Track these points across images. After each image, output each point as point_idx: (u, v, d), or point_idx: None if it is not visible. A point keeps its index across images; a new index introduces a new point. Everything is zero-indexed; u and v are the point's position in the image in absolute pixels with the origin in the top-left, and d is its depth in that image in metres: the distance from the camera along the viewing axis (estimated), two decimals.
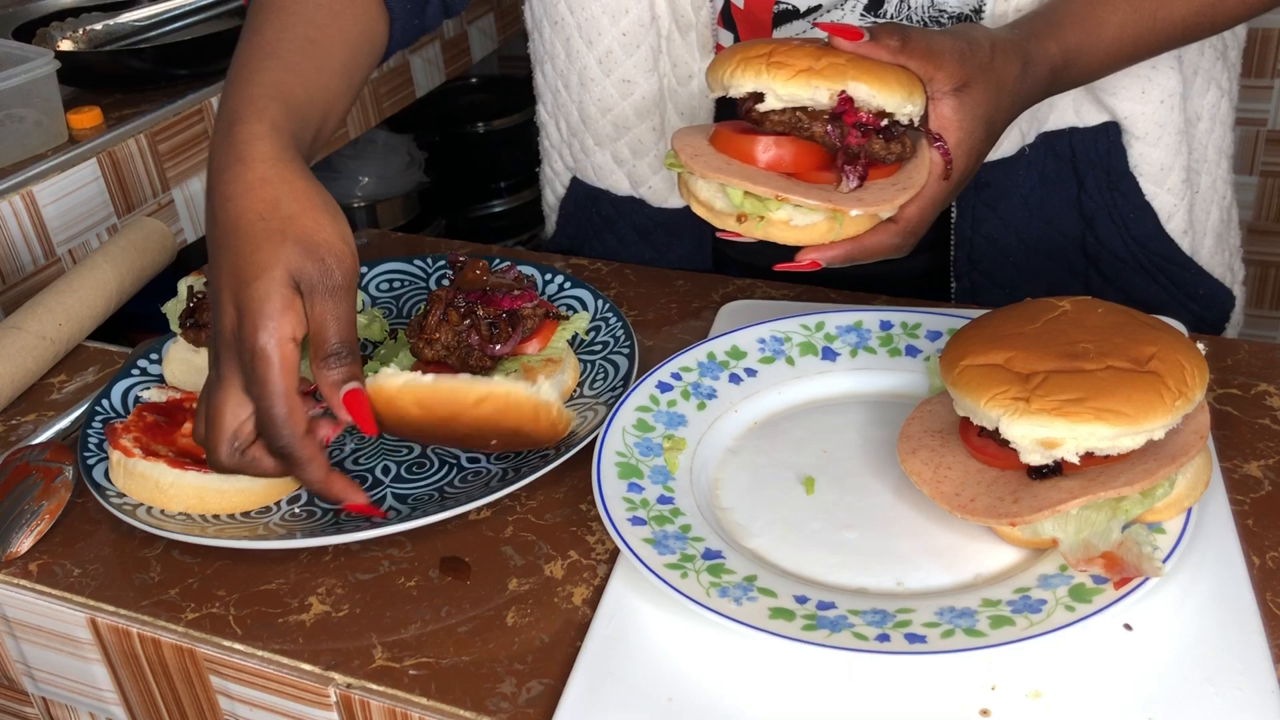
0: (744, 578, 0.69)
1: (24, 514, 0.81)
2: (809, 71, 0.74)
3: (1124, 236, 1.04)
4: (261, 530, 0.77)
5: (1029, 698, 0.62)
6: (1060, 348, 0.70)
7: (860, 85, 0.74)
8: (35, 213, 1.27)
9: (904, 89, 0.75)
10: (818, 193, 0.75)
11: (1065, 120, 1.00)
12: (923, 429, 0.77)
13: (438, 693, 0.66)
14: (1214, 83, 1.05)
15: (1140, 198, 1.02)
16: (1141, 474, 0.67)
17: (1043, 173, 1.02)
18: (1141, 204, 1.02)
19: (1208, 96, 1.05)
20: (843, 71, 0.74)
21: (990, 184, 1.01)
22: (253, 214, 0.72)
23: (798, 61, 0.75)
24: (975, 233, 1.03)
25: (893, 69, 0.75)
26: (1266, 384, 0.86)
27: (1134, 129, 1.00)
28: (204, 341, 0.93)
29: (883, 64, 0.75)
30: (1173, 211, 1.03)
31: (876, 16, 0.95)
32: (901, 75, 0.75)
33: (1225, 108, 1.07)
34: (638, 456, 0.79)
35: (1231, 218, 1.14)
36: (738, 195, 0.77)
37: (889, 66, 0.75)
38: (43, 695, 0.84)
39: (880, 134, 0.75)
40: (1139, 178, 1.02)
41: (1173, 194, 1.03)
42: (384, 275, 1.07)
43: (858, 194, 0.75)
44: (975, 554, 0.71)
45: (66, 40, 1.54)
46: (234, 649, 0.71)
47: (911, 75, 0.76)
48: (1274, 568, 0.70)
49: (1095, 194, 1.02)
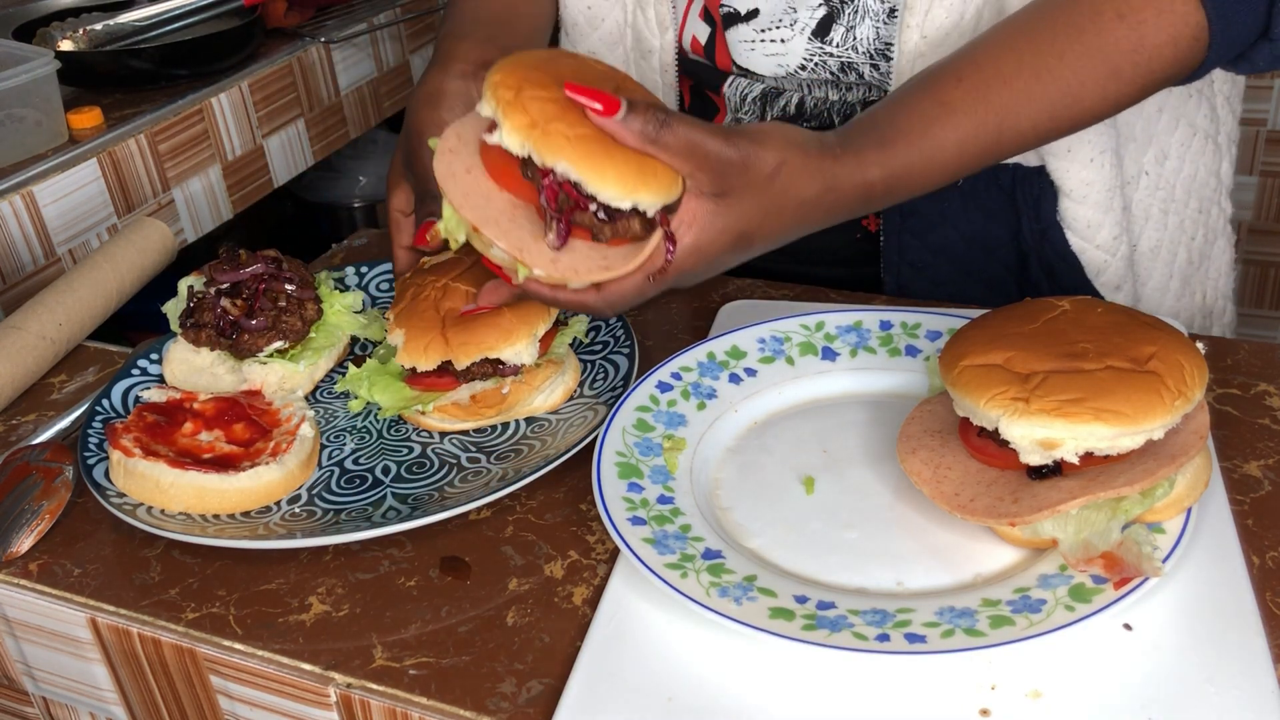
0: (744, 578, 0.69)
1: (24, 514, 0.81)
2: (534, 129, 0.68)
3: (1051, 283, 1.01)
4: (261, 530, 0.77)
5: (1029, 698, 0.62)
6: (1060, 348, 0.70)
7: (570, 169, 0.68)
8: (35, 213, 1.27)
9: (627, 183, 0.69)
10: (517, 237, 0.71)
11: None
12: (923, 429, 0.77)
13: (438, 693, 0.66)
14: (1184, 120, 1.01)
15: (1066, 248, 0.99)
16: (1141, 474, 0.67)
17: (985, 204, 1.00)
18: (1068, 254, 0.99)
19: (1176, 134, 1.01)
20: (563, 147, 0.68)
21: (917, 212, 1.00)
22: (410, 118, 0.93)
23: (534, 111, 0.69)
24: (901, 259, 1.02)
25: (634, 157, 0.69)
26: (1266, 384, 0.86)
27: (1061, 184, 0.96)
28: (204, 341, 0.93)
29: (625, 149, 0.69)
30: (1102, 267, 1.00)
31: (823, 42, 0.96)
32: (636, 167, 0.69)
33: (1200, 145, 1.03)
34: (638, 456, 0.79)
35: (1210, 255, 1.10)
36: (448, 211, 0.73)
37: (629, 154, 0.69)
38: (43, 695, 0.84)
39: (599, 213, 0.70)
40: (1066, 230, 0.98)
41: (1103, 250, 0.99)
42: (384, 275, 1.07)
43: (555, 254, 0.70)
44: (975, 554, 0.71)
45: (66, 40, 1.54)
46: (234, 649, 0.71)
47: (657, 167, 0.70)
48: (1274, 568, 0.70)
49: (1027, 237, 1.00)
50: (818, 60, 0.97)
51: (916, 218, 1.00)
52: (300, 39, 1.69)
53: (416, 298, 0.88)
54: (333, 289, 1.00)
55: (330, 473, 0.85)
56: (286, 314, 0.93)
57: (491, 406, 0.87)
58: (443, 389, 0.87)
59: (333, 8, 1.79)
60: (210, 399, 0.88)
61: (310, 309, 0.95)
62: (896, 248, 1.02)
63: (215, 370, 0.93)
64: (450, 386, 0.87)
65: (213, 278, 0.94)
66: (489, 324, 0.85)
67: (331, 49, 1.71)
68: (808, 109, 1.02)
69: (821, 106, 1.01)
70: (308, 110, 1.68)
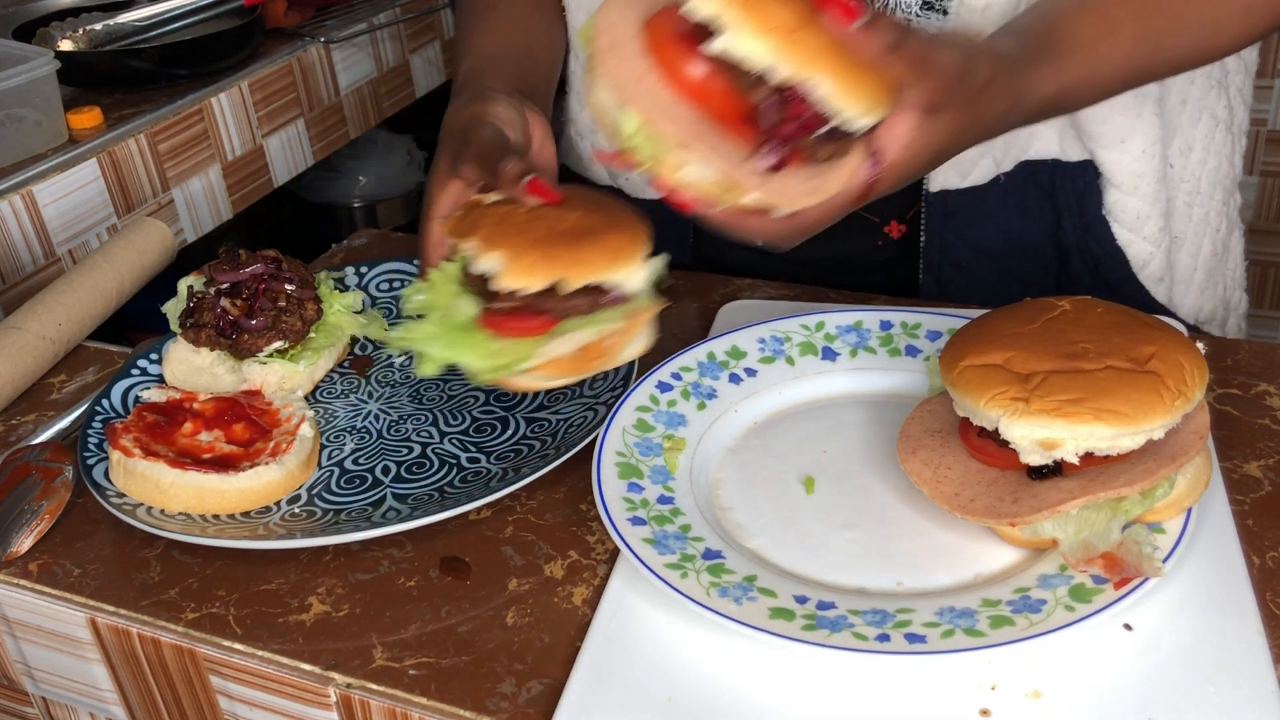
0: (744, 578, 0.69)
1: (24, 514, 0.81)
2: (783, 35, 0.61)
3: (1095, 278, 1.01)
4: (261, 530, 0.77)
5: (1029, 698, 0.62)
6: (1060, 348, 0.70)
7: (826, 83, 0.62)
8: (35, 213, 1.27)
9: (868, 100, 0.64)
10: (724, 156, 0.64)
11: (1049, 151, 0.97)
12: (923, 429, 0.77)
13: (438, 693, 0.66)
14: (1206, 111, 1.01)
15: (1112, 242, 0.99)
16: (1141, 474, 0.67)
17: (1022, 202, 0.99)
18: (1114, 249, 0.99)
19: (1200, 126, 1.01)
20: (816, 58, 0.61)
21: (959, 212, 1.00)
22: (449, 116, 0.90)
23: (779, 16, 0.61)
24: (944, 259, 1.02)
25: (869, 71, 0.64)
26: (1266, 384, 0.86)
27: (1111, 176, 0.96)
28: (204, 341, 0.93)
29: (860, 61, 0.64)
30: (1147, 259, 1.00)
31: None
32: (873, 82, 0.64)
33: (1221, 136, 1.04)
34: (638, 456, 0.79)
35: (1230, 246, 1.11)
36: (632, 124, 0.64)
37: (866, 67, 0.64)
38: (43, 695, 0.84)
39: (820, 133, 0.65)
40: (1113, 223, 0.98)
41: (1149, 242, 0.99)
42: (384, 275, 1.07)
43: (765, 177, 0.64)
44: (975, 554, 0.71)
45: (66, 40, 1.54)
46: (234, 649, 0.71)
47: (883, 83, 0.65)
48: (1274, 568, 0.70)
49: (1070, 232, 1.00)
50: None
51: (959, 217, 1.00)
52: (300, 39, 1.69)
53: (503, 221, 0.77)
54: (333, 289, 1.00)
55: (330, 473, 0.85)
56: (286, 314, 0.93)
57: (597, 357, 0.78)
58: (533, 332, 0.76)
59: (333, 8, 1.79)
60: (210, 399, 0.88)
61: (310, 309, 0.95)
62: (939, 247, 1.01)
63: (215, 370, 0.93)
64: (543, 328, 0.76)
65: (213, 278, 0.94)
66: (595, 244, 0.75)
67: (331, 49, 1.71)
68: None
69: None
70: (308, 110, 1.68)
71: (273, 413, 0.88)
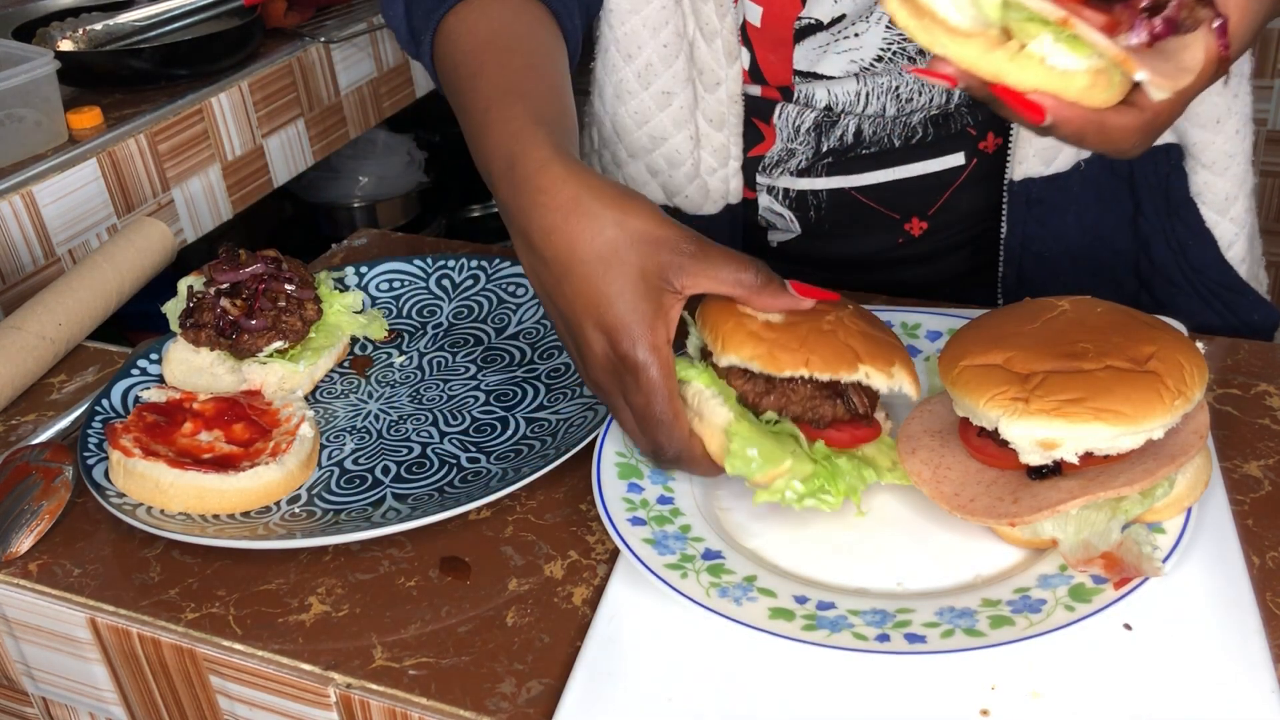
0: (744, 578, 0.69)
1: (24, 514, 0.81)
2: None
3: (1180, 262, 1.00)
4: (261, 530, 0.77)
5: (1029, 698, 0.62)
6: (1059, 348, 0.70)
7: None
8: (35, 213, 1.27)
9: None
10: (1111, 34, 0.56)
11: None
12: (922, 429, 0.77)
13: (438, 693, 0.66)
14: (1242, 92, 1.00)
15: (1200, 225, 0.98)
16: (1141, 474, 0.67)
17: (1099, 190, 0.98)
18: (1201, 231, 0.98)
19: (1238, 104, 1.00)
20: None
21: (1043, 200, 0.98)
22: (584, 236, 0.69)
23: None
24: (1025, 251, 1.00)
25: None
26: (1266, 384, 0.86)
27: (1201, 156, 0.95)
28: (204, 341, 0.93)
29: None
30: (1233, 240, 0.99)
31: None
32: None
33: (1250, 123, 1.02)
34: (638, 456, 0.79)
35: (1256, 231, 1.10)
36: (994, 6, 0.57)
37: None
38: (43, 695, 0.84)
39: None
40: (1201, 205, 0.97)
41: (1235, 223, 0.99)
42: (384, 275, 1.07)
43: (1145, 55, 0.57)
44: (975, 554, 0.71)
45: (66, 40, 1.54)
46: (234, 649, 0.71)
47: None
48: (1274, 568, 0.70)
49: (1152, 217, 0.98)
50: (896, 47, 0.95)
51: (1043, 205, 0.98)
52: (300, 39, 1.69)
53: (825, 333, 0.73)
54: (333, 289, 1.00)
55: (330, 473, 0.85)
56: (286, 314, 0.93)
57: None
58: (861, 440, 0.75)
59: (333, 8, 1.79)
60: (210, 399, 0.88)
61: (310, 309, 0.95)
62: (1020, 237, 0.99)
63: (215, 370, 0.93)
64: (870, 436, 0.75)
65: (212, 278, 0.94)
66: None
67: (331, 49, 1.71)
68: (865, 136, 1.00)
69: (880, 131, 1.00)
70: (308, 110, 1.68)
71: (273, 413, 0.88)
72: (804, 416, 0.73)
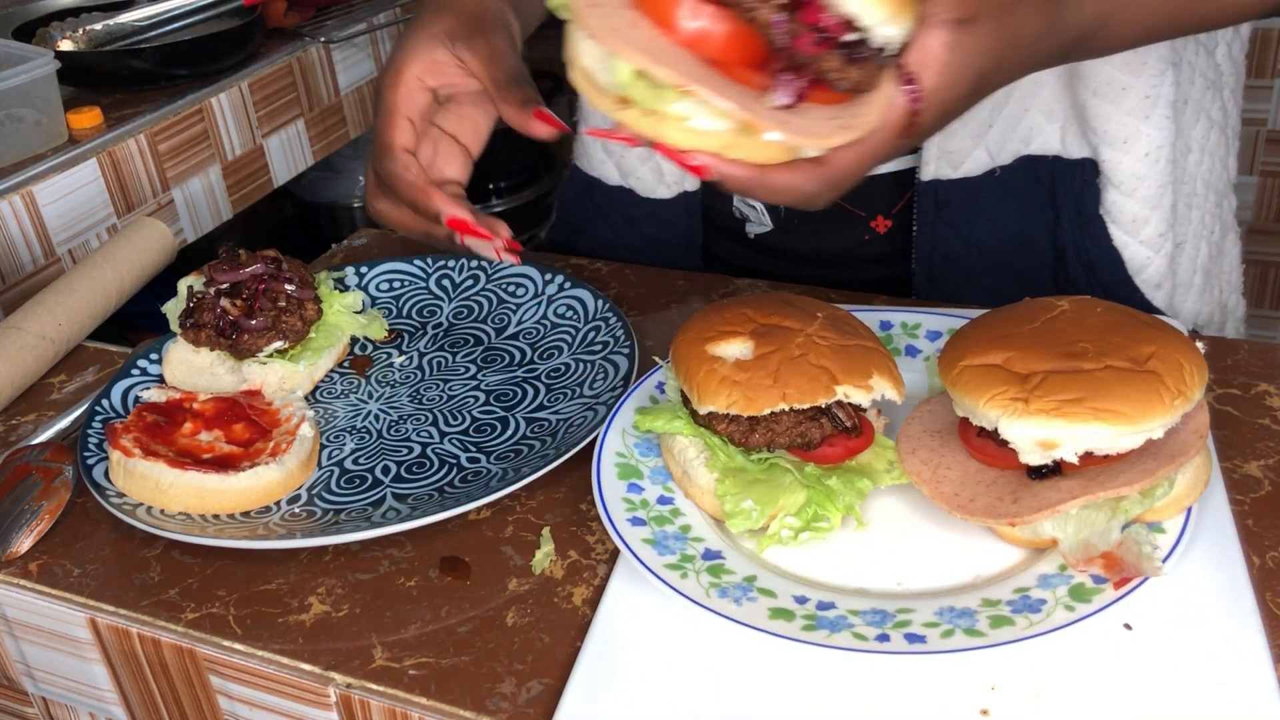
0: (744, 578, 0.69)
1: (24, 514, 0.81)
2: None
3: (1090, 279, 1.00)
4: (261, 530, 0.77)
5: (1029, 698, 0.62)
6: (1059, 348, 0.70)
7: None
8: (35, 213, 1.27)
9: (891, 1, 0.57)
10: (736, 95, 0.56)
11: (1051, 146, 0.96)
12: (922, 429, 0.77)
13: (438, 693, 0.66)
14: (1204, 114, 1.00)
15: (1109, 243, 0.97)
16: (1141, 474, 0.67)
17: (1021, 197, 0.98)
18: (1110, 249, 0.98)
19: (1197, 128, 1.00)
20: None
21: (950, 202, 0.99)
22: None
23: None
24: (935, 250, 1.01)
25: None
26: (1266, 384, 0.86)
27: (1111, 175, 0.94)
28: (204, 341, 0.93)
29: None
30: (1145, 264, 0.98)
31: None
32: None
33: (1215, 139, 1.02)
34: (638, 457, 0.79)
35: (1224, 250, 1.09)
36: (626, 72, 0.57)
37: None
38: (43, 695, 0.84)
39: (842, 49, 0.57)
40: (1110, 223, 0.97)
41: (1147, 246, 0.97)
42: (384, 275, 1.07)
43: (785, 114, 0.57)
44: (975, 554, 0.71)
45: (66, 40, 1.54)
46: (234, 649, 0.71)
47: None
48: (1274, 568, 0.70)
49: (1068, 230, 0.98)
50: None
51: (951, 208, 0.99)
52: (300, 39, 1.69)
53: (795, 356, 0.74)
54: (333, 289, 1.00)
55: (330, 473, 0.85)
56: (286, 314, 0.93)
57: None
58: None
59: (333, 8, 1.79)
60: (210, 399, 0.88)
61: (310, 309, 0.95)
62: (930, 238, 1.00)
63: (215, 370, 0.93)
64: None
65: (212, 278, 0.94)
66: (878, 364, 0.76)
67: (331, 49, 1.71)
68: None
69: None
70: (308, 110, 1.68)
71: (273, 413, 0.88)
72: (794, 444, 0.75)
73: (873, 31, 0.57)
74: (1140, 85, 0.92)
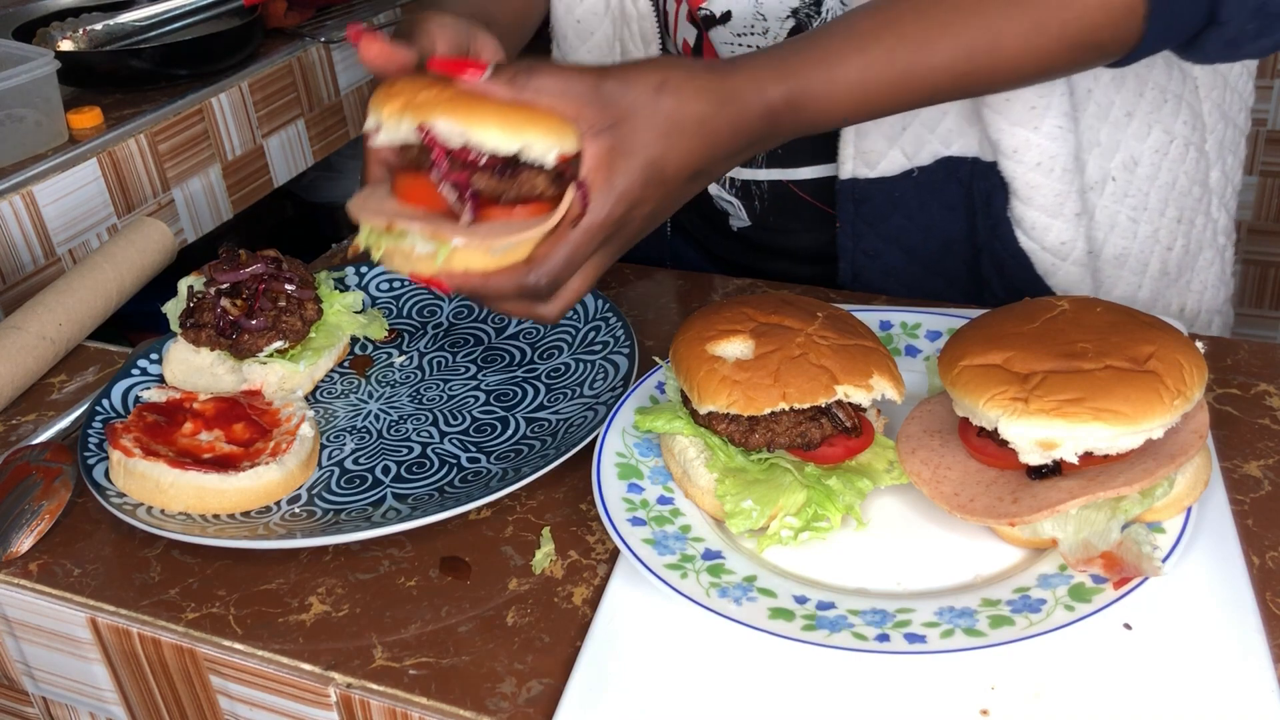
0: (744, 578, 0.69)
1: (24, 514, 0.81)
2: (407, 105, 0.68)
3: (1001, 280, 1.01)
4: (261, 530, 0.77)
5: (1029, 698, 0.62)
6: (1059, 347, 0.70)
7: (444, 120, 0.67)
8: (35, 213, 1.27)
9: (509, 124, 0.67)
10: (433, 221, 0.70)
11: (970, 149, 0.97)
12: (922, 429, 0.77)
13: (438, 693, 0.66)
14: (1158, 125, 0.99)
15: (1015, 245, 0.98)
16: (1141, 474, 0.67)
17: (944, 197, 0.99)
18: (1017, 251, 0.99)
19: (1148, 140, 0.99)
20: (435, 107, 0.68)
21: (868, 200, 1.00)
22: None
23: (406, 94, 0.69)
24: (855, 247, 1.03)
25: (520, 109, 0.68)
26: (1266, 384, 0.86)
27: (1010, 182, 0.95)
28: (204, 341, 0.93)
29: (506, 103, 0.69)
30: (1052, 269, 0.98)
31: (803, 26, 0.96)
32: (518, 113, 0.68)
33: (1178, 152, 1.01)
34: (638, 457, 0.79)
35: (1196, 265, 1.07)
36: (363, 232, 0.72)
37: (514, 106, 0.68)
38: (43, 695, 0.84)
39: (498, 172, 0.69)
40: (1015, 227, 0.97)
41: (1051, 253, 0.97)
42: (384, 275, 1.07)
43: (473, 227, 0.69)
44: (975, 554, 0.72)
45: (66, 40, 1.54)
46: (234, 649, 0.71)
47: (546, 115, 0.69)
48: (1274, 568, 0.70)
49: (981, 231, 0.99)
50: None
51: (869, 205, 1.01)
52: (300, 39, 1.69)
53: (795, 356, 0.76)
54: (333, 289, 1.00)
55: (330, 473, 0.85)
56: (286, 314, 0.93)
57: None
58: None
59: (333, 8, 1.79)
60: (210, 399, 0.88)
61: (310, 309, 0.95)
62: (851, 235, 1.02)
63: (215, 370, 0.93)
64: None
65: (213, 278, 0.94)
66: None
67: (331, 49, 1.71)
68: None
69: None
70: (308, 110, 1.68)
71: (273, 413, 0.88)
72: (794, 444, 0.75)
73: (513, 153, 0.68)
74: (1027, 95, 0.92)
